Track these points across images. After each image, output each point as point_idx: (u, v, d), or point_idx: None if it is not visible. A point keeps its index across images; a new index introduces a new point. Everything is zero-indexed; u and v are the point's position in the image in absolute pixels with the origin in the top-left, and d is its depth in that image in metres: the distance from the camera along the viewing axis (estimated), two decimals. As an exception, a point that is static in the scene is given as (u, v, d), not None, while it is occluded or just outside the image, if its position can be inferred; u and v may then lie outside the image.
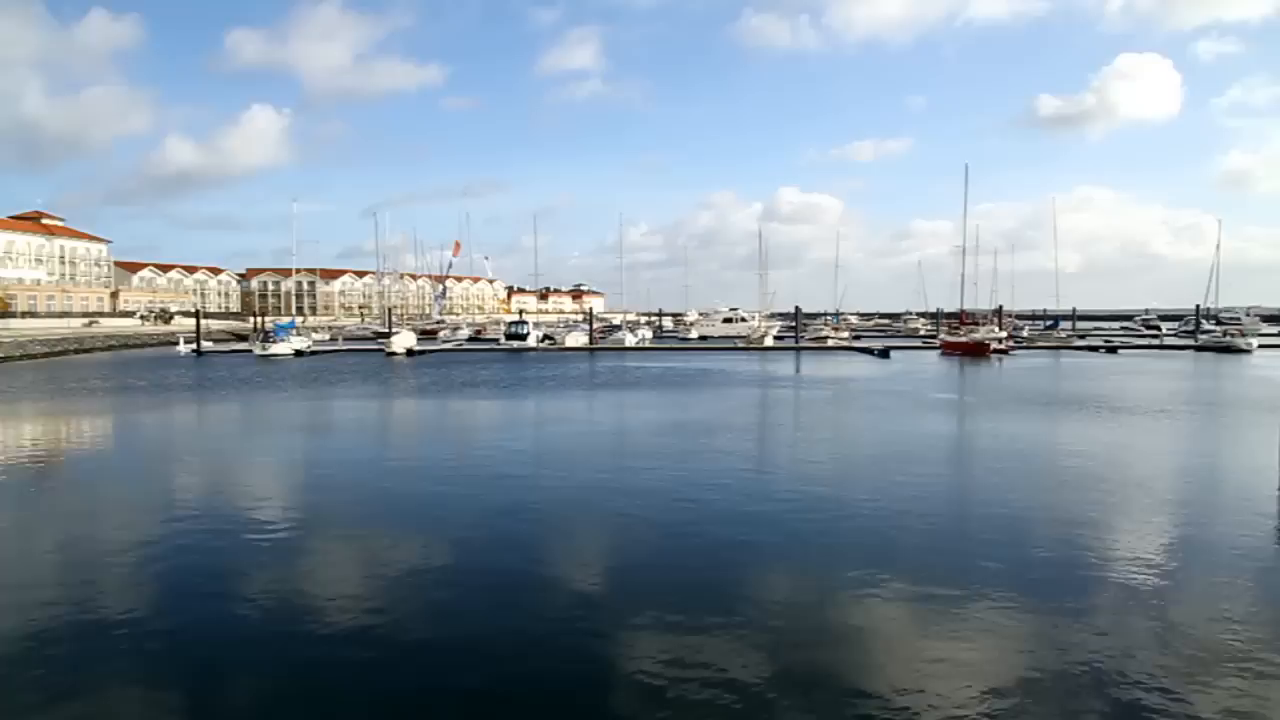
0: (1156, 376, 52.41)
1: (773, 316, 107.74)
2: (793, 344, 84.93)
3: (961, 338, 74.19)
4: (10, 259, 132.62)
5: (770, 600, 12.15)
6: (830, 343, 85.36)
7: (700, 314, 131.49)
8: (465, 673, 9.70)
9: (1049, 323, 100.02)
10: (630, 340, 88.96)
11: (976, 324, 78.96)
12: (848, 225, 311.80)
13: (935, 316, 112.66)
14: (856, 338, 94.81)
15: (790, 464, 23.47)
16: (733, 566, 13.68)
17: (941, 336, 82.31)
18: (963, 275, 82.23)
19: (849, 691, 9.03)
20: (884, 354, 71.50)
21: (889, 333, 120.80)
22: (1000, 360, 65.82)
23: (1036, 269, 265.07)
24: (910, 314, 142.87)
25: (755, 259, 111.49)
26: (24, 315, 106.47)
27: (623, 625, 11.04)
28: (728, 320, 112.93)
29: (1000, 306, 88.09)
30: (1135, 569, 13.18)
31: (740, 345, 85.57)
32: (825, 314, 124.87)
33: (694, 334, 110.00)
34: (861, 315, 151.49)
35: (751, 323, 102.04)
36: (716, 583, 12.76)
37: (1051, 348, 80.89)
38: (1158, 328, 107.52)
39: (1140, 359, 69.72)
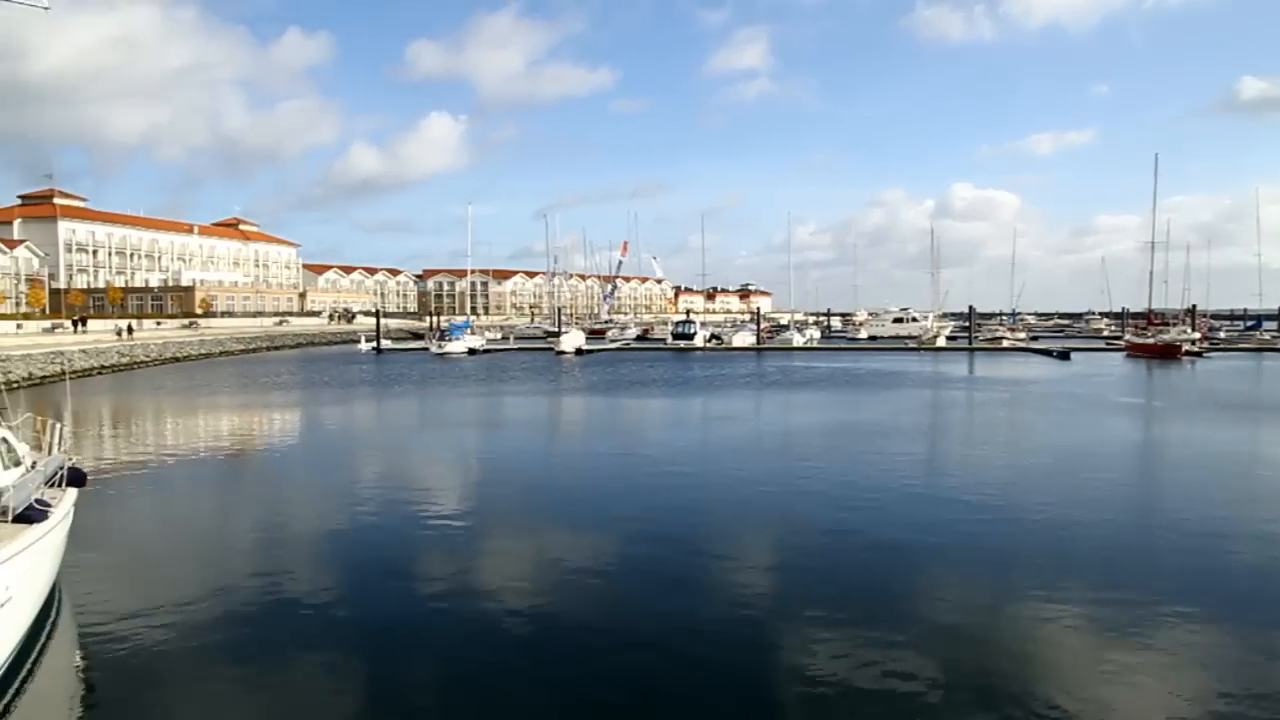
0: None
1: (945, 316, 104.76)
2: (966, 345, 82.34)
3: (1149, 339, 70.28)
4: (212, 262, 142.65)
5: (939, 606, 11.95)
6: (1005, 344, 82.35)
7: (870, 314, 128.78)
8: (628, 662, 9.97)
9: (1250, 323, 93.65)
10: (798, 340, 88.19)
11: (1166, 324, 74.63)
12: (1025, 221, 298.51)
13: (1120, 316, 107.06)
14: (1034, 338, 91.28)
15: (962, 467, 22.85)
16: (900, 569, 13.52)
17: (1127, 337, 78.10)
18: (1151, 272, 77.91)
19: (1018, 707, 8.77)
20: (1064, 355, 68.46)
21: (1069, 333, 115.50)
22: (1193, 363, 62.10)
23: (1236, 265, 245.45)
24: (1092, 314, 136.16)
25: (927, 257, 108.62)
26: (223, 315, 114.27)
27: (787, 624, 11.10)
28: (898, 320, 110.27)
29: (1194, 306, 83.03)
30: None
31: (911, 346, 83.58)
32: (1001, 314, 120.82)
33: (863, 334, 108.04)
34: (1039, 315, 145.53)
35: (923, 323, 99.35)
36: (882, 585, 12.66)
37: (1253, 350, 75.69)
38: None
39: (1354, 362, 64.37)
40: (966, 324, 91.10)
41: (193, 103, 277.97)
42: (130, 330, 73.24)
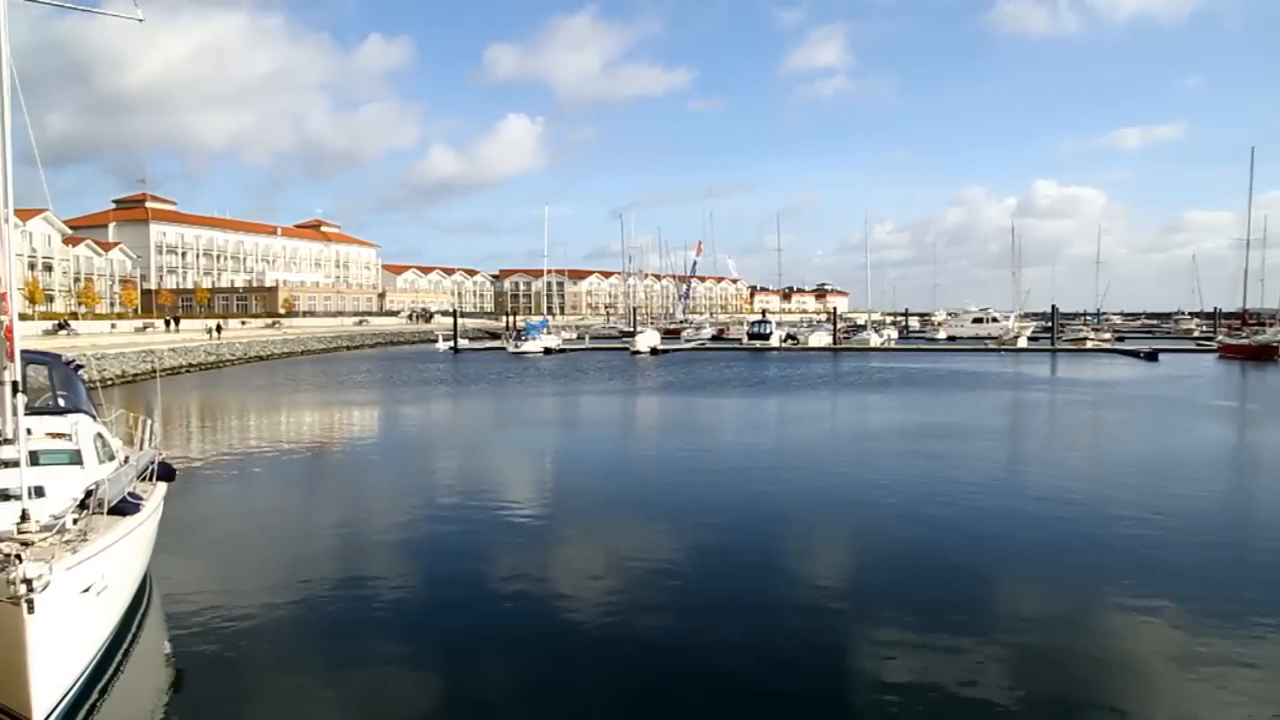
0: None
1: (1027, 317, 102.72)
2: (1048, 346, 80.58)
3: (1244, 339, 68.00)
4: (295, 263, 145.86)
5: (1019, 613, 11.69)
6: (1089, 344, 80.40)
7: (949, 314, 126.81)
8: (701, 663, 9.93)
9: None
10: (875, 340, 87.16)
11: (1262, 324, 72.25)
12: (1110, 219, 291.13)
13: (1212, 316, 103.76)
14: (1119, 339, 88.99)
15: (1044, 471, 22.33)
16: (978, 573, 13.28)
17: (1219, 338, 75.72)
18: (1245, 270, 75.63)
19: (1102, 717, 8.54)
20: (1151, 357, 66.55)
21: (1157, 334, 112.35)
22: (1290, 365, 59.93)
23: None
24: (1182, 314, 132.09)
25: (1008, 256, 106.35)
26: (305, 315, 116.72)
27: (865, 627, 10.96)
28: (978, 320, 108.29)
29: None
30: None
31: (991, 346, 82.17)
32: (1084, 314, 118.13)
33: (942, 334, 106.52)
34: (1125, 315, 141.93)
35: (1004, 323, 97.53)
36: (963, 588, 12.44)
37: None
38: None
39: None
40: (1049, 324, 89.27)
41: (278, 108, 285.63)
42: (219, 329, 75.30)
